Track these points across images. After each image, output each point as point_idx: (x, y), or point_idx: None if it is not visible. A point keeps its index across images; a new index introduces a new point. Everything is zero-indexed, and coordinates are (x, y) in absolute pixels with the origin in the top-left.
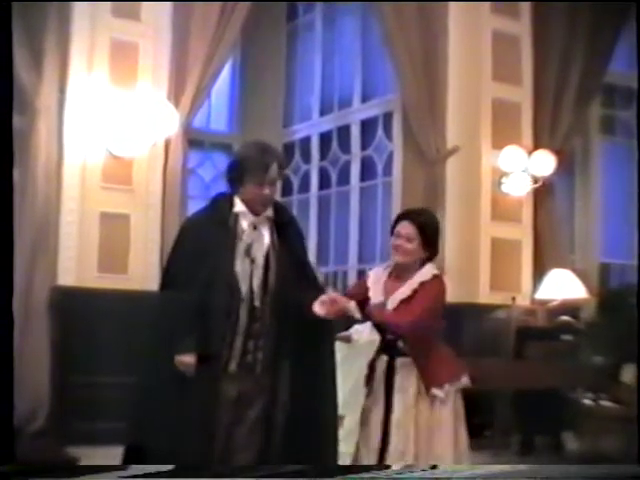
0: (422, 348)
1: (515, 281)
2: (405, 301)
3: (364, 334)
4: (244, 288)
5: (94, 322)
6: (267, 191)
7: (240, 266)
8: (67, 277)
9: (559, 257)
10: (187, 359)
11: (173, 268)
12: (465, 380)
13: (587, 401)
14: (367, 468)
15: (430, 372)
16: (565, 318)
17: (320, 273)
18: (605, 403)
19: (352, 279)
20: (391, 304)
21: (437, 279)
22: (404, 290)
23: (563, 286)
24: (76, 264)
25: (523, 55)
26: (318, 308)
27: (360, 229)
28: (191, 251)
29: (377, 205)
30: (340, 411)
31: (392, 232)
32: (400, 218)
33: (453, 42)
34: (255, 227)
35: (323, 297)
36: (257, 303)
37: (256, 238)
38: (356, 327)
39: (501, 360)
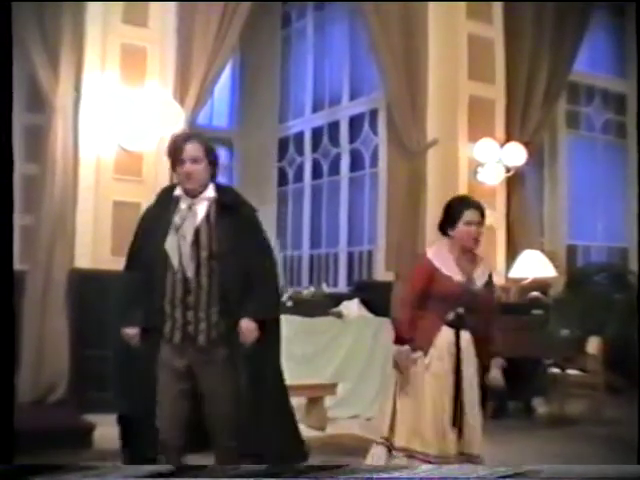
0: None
1: (490, 261)
2: (487, 283)
3: (353, 310)
4: (175, 262)
5: (108, 300)
6: (186, 168)
7: (170, 243)
8: (83, 260)
9: (530, 239)
10: (130, 331)
11: (129, 252)
12: None
13: (555, 369)
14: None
15: (484, 346)
16: (535, 294)
17: (307, 255)
18: (571, 371)
19: (343, 260)
20: (480, 282)
21: None
22: (483, 273)
23: (534, 266)
24: (91, 248)
25: (496, 56)
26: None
27: (349, 215)
28: (141, 235)
29: (365, 193)
30: (334, 380)
31: (456, 219)
32: (471, 206)
33: (432, 45)
34: (191, 207)
35: None
36: (189, 275)
37: (189, 217)
38: (345, 303)
39: None
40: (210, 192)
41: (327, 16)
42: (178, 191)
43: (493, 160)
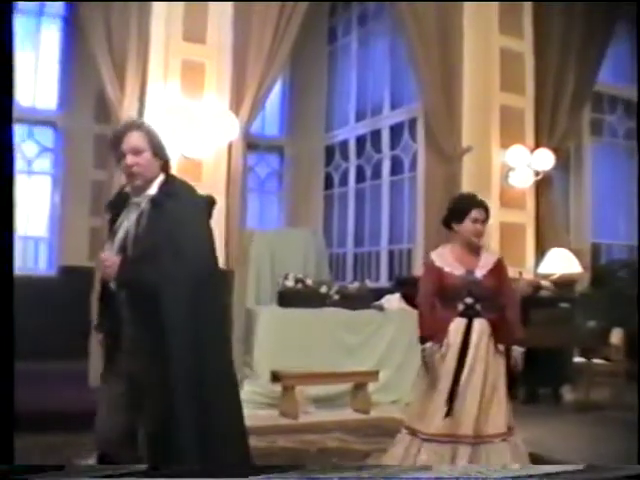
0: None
1: (521, 258)
2: (491, 271)
3: (394, 303)
4: None
5: None
6: (128, 160)
7: (107, 247)
8: None
9: (557, 238)
10: (98, 336)
11: None
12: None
13: (581, 359)
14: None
15: (505, 332)
16: (543, 282)
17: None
18: (596, 361)
19: (384, 257)
20: (480, 272)
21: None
22: (486, 263)
23: (561, 262)
24: None
25: (526, 69)
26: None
27: (390, 216)
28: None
29: (404, 196)
30: (376, 367)
31: (462, 218)
32: (477, 205)
33: (467, 58)
34: (130, 208)
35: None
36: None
37: (125, 219)
38: (387, 297)
39: None
40: (153, 189)
41: (370, 32)
42: (127, 188)
43: (523, 165)
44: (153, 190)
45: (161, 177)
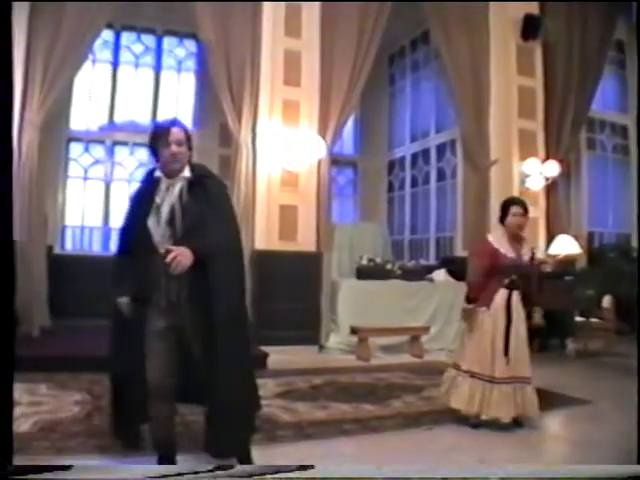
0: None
1: (535, 242)
2: (530, 257)
3: (440, 276)
4: (156, 240)
5: (278, 270)
6: (172, 149)
7: (151, 221)
8: (261, 243)
9: (562, 227)
10: (122, 300)
11: (120, 231)
12: None
13: (581, 318)
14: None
15: (529, 299)
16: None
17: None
18: (592, 319)
19: (432, 242)
20: (525, 257)
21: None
22: (527, 250)
23: (565, 245)
24: (266, 235)
25: (537, 101)
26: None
27: (437, 212)
28: (128, 217)
29: (447, 197)
30: (427, 323)
31: (506, 213)
32: (515, 203)
33: (493, 93)
34: (169, 188)
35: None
36: (162, 252)
37: (167, 197)
38: (435, 272)
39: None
40: (186, 172)
41: (420, 76)
42: (157, 174)
43: (536, 173)
44: (187, 173)
45: (188, 164)
